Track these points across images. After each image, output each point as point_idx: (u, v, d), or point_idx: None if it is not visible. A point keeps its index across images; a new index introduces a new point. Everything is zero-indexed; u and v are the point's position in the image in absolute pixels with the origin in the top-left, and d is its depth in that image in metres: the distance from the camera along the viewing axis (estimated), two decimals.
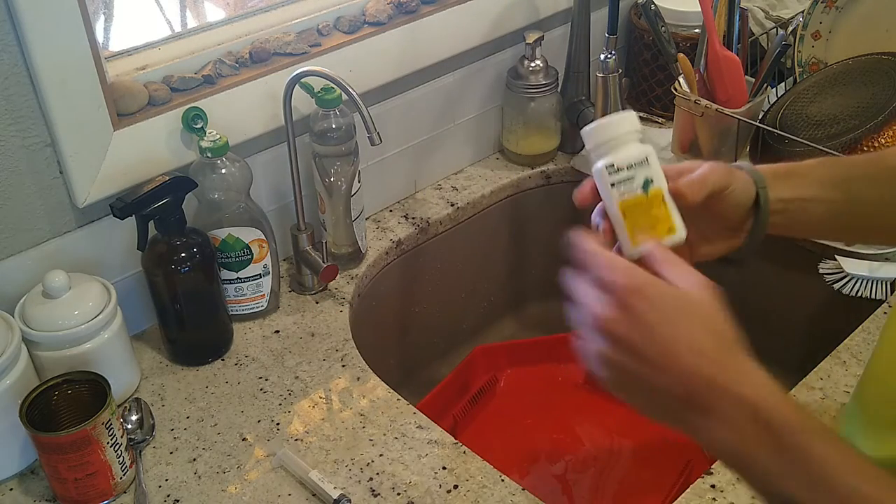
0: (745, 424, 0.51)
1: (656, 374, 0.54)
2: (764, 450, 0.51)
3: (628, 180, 0.64)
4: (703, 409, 0.53)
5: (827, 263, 1.09)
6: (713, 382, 0.52)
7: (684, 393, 0.53)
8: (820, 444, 0.50)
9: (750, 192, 0.67)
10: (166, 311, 0.97)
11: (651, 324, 0.54)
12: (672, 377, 0.53)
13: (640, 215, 0.64)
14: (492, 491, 0.83)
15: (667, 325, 0.54)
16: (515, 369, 1.29)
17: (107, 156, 0.92)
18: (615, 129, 0.65)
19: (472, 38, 1.21)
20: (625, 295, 0.55)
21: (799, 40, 1.27)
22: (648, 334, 0.54)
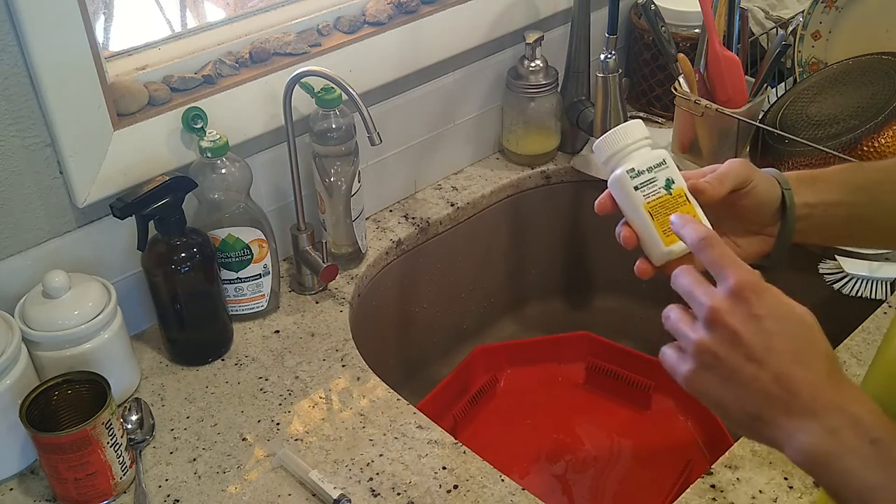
0: (847, 434, 0.51)
1: (756, 369, 0.54)
2: (862, 461, 0.50)
3: (651, 182, 0.64)
4: (800, 412, 0.52)
5: (827, 263, 1.09)
6: (817, 388, 0.52)
7: (782, 393, 0.53)
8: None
9: (774, 191, 0.66)
10: (166, 311, 0.97)
11: (761, 318, 0.54)
12: (772, 375, 0.53)
13: (668, 215, 0.64)
14: (492, 491, 0.84)
15: (776, 325, 0.54)
16: (515, 369, 1.29)
17: (107, 156, 0.92)
18: (628, 136, 0.65)
19: (472, 38, 1.21)
20: (741, 288, 0.55)
21: (799, 40, 1.27)
22: (756, 328, 0.54)
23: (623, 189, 0.65)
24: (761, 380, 0.54)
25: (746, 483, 0.83)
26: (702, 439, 1.16)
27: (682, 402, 1.20)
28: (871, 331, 0.99)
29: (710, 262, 0.58)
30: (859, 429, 0.51)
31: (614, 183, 0.65)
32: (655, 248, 0.64)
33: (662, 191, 0.64)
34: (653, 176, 0.64)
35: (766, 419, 0.54)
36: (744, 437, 0.57)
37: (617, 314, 1.43)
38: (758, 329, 0.54)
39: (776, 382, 0.53)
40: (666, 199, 0.64)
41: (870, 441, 0.50)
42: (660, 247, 0.64)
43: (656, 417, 1.21)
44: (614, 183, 0.65)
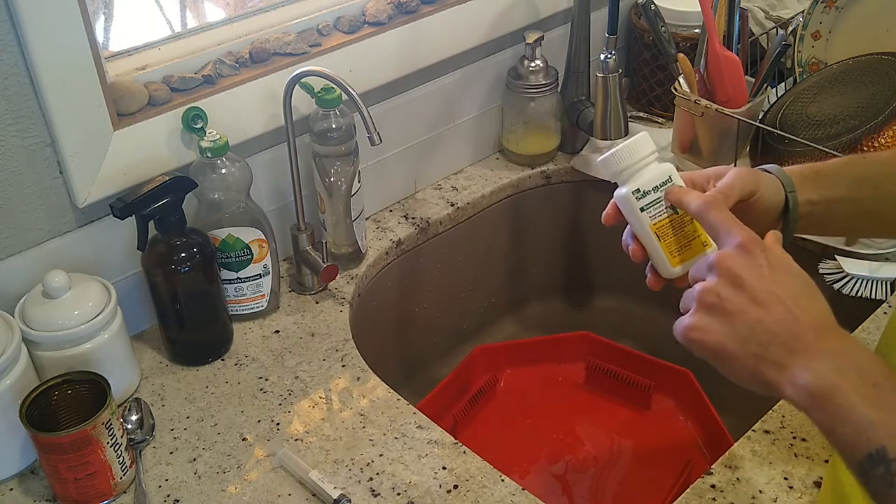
0: (851, 374, 0.52)
1: (760, 310, 0.56)
2: (864, 399, 0.51)
3: (656, 202, 0.65)
4: (805, 352, 0.54)
5: (827, 263, 1.09)
6: (821, 331, 0.55)
7: (787, 333, 0.55)
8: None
9: (778, 196, 0.67)
10: (166, 311, 0.97)
11: (766, 266, 0.57)
12: (776, 316, 0.55)
13: (674, 235, 0.65)
14: (492, 491, 0.84)
15: (780, 274, 0.57)
16: (515, 369, 1.29)
17: (107, 156, 0.92)
18: (634, 154, 0.65)
19: (472, 38, 1.21)
20: (747, 242, 0.58)
21: (799, 40, 1.27)
22: (760, 274, 0.57)
23: (629, 209, 0.65)
24: (765, 321, 0.56)
25: (746, 483, 0.83)
26: (702, 439, 1.16)
27: (682, 402, 1.20)
28: (871, 331, 0.99)
29: (716, 223, 0.60)
30: (863, 371, 0.52)
31: (621, 201, 0.66)
32: (663, 267, 0.66)
33: (668, 211, 0.65)
34: (658, 196, 0.65)
35: (769, 358, 0.55)
36: (743, 384, 0.58)
37: (617, 314, 1.43)
38: (762, 275, 0.57)
39: (781, 323, 0.55)
40: (672, 218, 0.65)
41: (872, 384, 0.51)
42: (667, 267, 0.66)
43: (656, 417, 1.21)
44: (621, 201, 0.66)
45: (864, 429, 0.50)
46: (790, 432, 0.87)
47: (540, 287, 1.44)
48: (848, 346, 0.54)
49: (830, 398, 0.52)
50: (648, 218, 0.65)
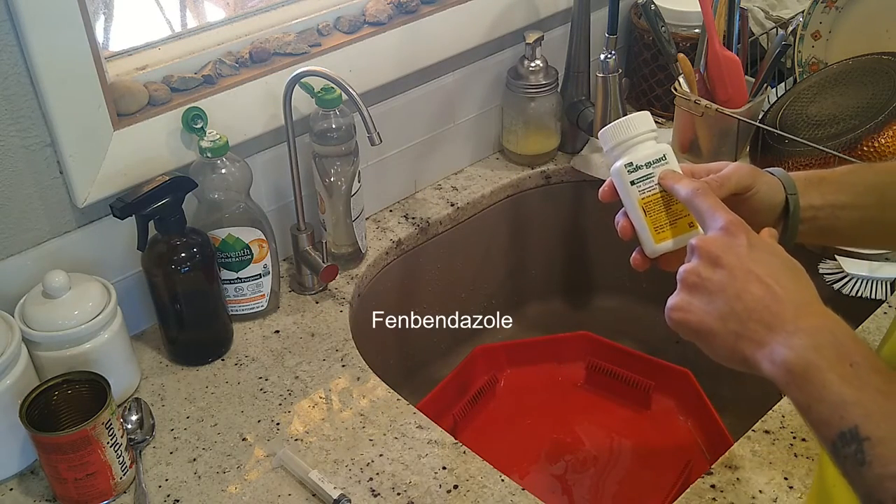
0: (829, 352, 0.52)
1: (740, 288, 0.57)
2: (841, 378, 0.51)
3: (648, 178, 0.65)
4: (783, 328, 0.54)
5: (827, 263, 1.09)
6: (801, 307, 0.55)
7: (766, 310, 0.55)
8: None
9: (777, 196, 0.67)
10: (166, 311, 0.97)
11: (746, 247, 0.58)
12: (755, 294, 0.56)
13: (661, 212, 0.65)
14: (492, 491, 0.84)
15: (761, 253, 0.58)
16: (515, 369, 1.29)
17: (107, 156, 0.92)
18: (632, 128, 0.66)
19: (472, 38, 1.21)
20: (730, 224, 0.59)
21: (799, 40, 1.27)
22: (740, 252, 0.58)
23: (621, 182, 0.66)
24: (744, 298, 0.56)
25: (746, 483, 0.83)
26: (702, 439, 1.16)
27: (682, 402, 1.20)
28: (871, 331, 0.99)
29: (702, 208, 0.61)
30: (841, 349, 0.52)
31: (614, 174, 0.66)
32: (647, 243, 0.66)
33: (658, 187, 0.64)
34: (650, 172, 0.65)
35: (748, 335, 0.56)
36: (724, 362, 0.59)
37: (617, 314, 1.43)
38: (741, 254, 0.58)
39: (760, 300, 0.56)
40: (661, 195, 0.65)
41: (850, 363, 0.51)
42: (650, 243, 0.66)
43: (656, 417, 1.21)
44: (614, 174, 0.66)
45: (838, 407, 0.50)
46: (790, 432, 0.87)
47: (540, 287, 1.44)
48: (828, 323, 0.54)
49: (807, 375, 0.52)
50: (637, 192, 0.65)
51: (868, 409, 0.50)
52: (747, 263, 0.57)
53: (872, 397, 0.50)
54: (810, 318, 0.55)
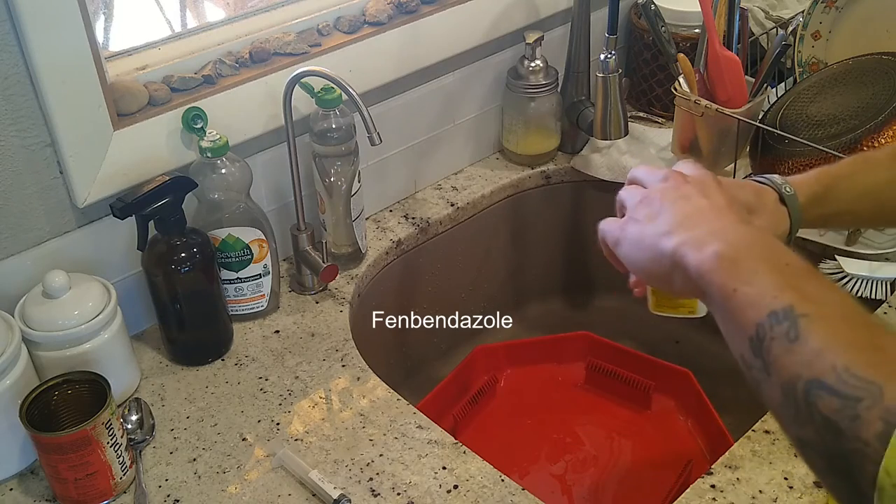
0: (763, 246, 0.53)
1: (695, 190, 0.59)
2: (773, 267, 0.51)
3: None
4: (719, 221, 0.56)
5: (827, 263, 1.09)
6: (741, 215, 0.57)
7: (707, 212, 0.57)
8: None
9: (783, 227, 0.68)
10: (166, 311, 0.97)
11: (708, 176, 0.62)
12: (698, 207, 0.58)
13: (666, 296, 0.71)
14: (492, 491, 0.84)
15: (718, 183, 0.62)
16: (515, 369, 1.29)
17: (107, 156, 0.92)
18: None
19: (472, 38, 1.21)
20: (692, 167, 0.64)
21: (799, 40, 1.27)
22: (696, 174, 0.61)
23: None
24: (692, 207, 0.58)
25: (746, 483, 0.83)
26: (702, 439, 1.16)
27: (682, 402, 1.20)
28: None
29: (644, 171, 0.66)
30: (776, 252, 0.52)
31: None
32: (650, 303, 0.74)
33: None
34: None
35: (676, 231, 0.56)
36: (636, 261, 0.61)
37: (617, 314, 1.43)
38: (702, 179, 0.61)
39: (706, 208, 0.58)
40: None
41: (785, 263, 0.51)
42: (651, 306, 0.74)
43: (656, 417, 1.21)
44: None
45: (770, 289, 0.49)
46: None
47: (540, 287, 1.44)
48: (766, 233, 0.55)
49: (739, 262, 0.52)
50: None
51: (805, 292, 0.49)
52: (709, 189, 0.59)
53: (809, 284, 0.50)
54: (747, 226, 0.56)
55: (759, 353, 0.49)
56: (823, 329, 0.46)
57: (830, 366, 0.45)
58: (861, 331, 0.47)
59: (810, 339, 0.46)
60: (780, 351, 0.47)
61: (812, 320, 0.47)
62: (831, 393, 0.44)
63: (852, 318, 0.48)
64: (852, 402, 0.43)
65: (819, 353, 0.46)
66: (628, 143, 1.34)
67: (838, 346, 0.45)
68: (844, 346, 0.45)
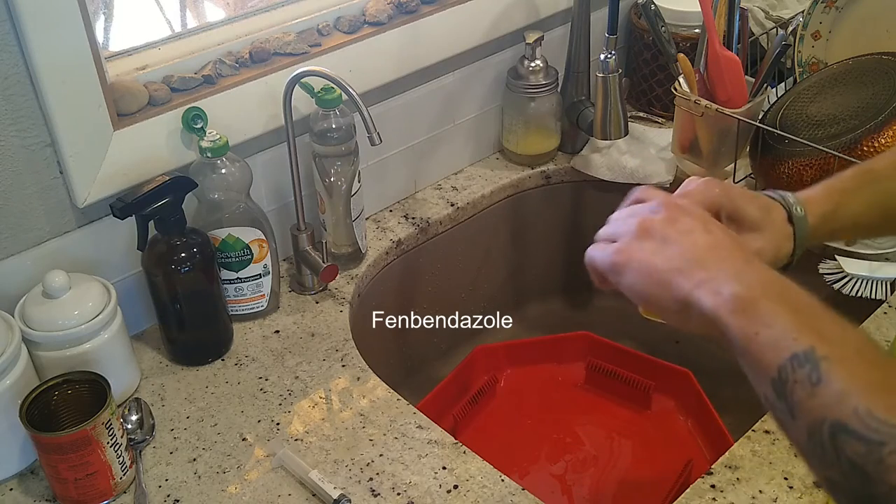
0: (778, 288, 0.52)
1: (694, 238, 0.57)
2: (791, 309, 0.51)
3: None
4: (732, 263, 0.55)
5: (827, 263, 1.09)
6: (747, 255, 0.56)
7: (719, 251, 0.56)
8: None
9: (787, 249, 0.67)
10: (166, 311, 0.97)
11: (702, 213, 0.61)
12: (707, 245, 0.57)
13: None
14: (492, 491, 0.83)
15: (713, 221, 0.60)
16: (515, 369, 1.29)
17: (107, 156, 0.92)
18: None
19: (472, 38, 1.21)
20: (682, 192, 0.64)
21: (799, 40, 1.27)
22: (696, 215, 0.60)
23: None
24: (697, 248, 0.57)
25: (746, 483, 0.83)
26: (702, 439, 1.16)
27: (682, 402, 1.20)
28: (871, 331, 0.99)
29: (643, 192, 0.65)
30: (790, 293, 0.52)
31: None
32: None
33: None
34: None
35: (691, 271, 0.56)
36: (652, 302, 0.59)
37: (617, 314, 1.43)
38: (699, 214, 0.60)
39: (711, 250, 0.57)
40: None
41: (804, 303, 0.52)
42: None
43: (656, 417, 1.21)
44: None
45: (790, 331, 0.49)
46: None
47: (540, 287, 1.44)
48: (777, 273, 0.55)
49: (757, 304, 0.51)
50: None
51: (823, 333, 0.49)
52: (702, 224, 0.59)
53: (826, 324, 0.50)
54: (758, 265, 0.56)
55: (782, 395, 0.49)
56: (844, 371, 0.47)
57: (853, 409, 0.45)
58: (879, 371, 0.47)
59: (832, 381, 0.46)
60: (803, 394, 0.48)
61: (833, 362, 0.47)
62: (856, 437, 0.45)
63: (870, 358, 0.48)
64: (876, 446, 0.44)
65: (841, 397, 0.46)
66: (628, 143, 1.34)
67: (860, 389, 0.46)
68: (865, 388, 0.46)
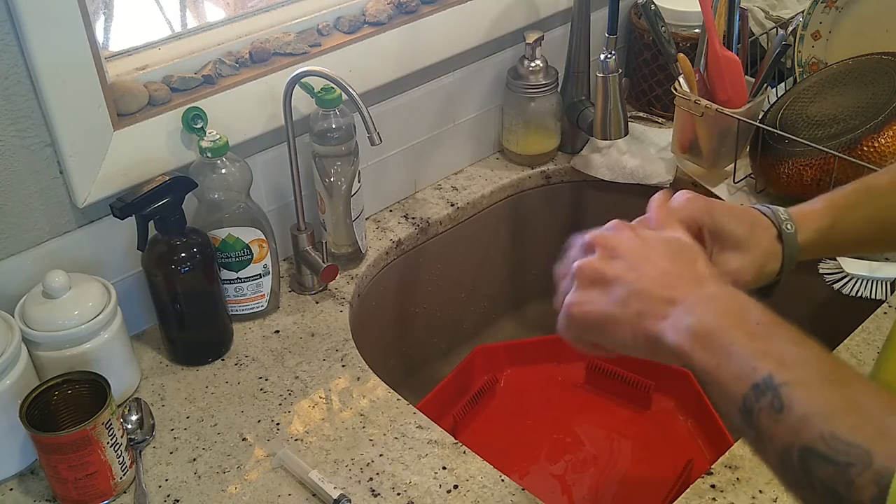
0: (732, 312, 0.53)
1: (639, 272, 0.58)
2: (748, 334, 0.51)
3: None
4: (683, 298, 0.55)
5: (827, 263, 1.09)
6: (701, 278, 0.56)
7: (667, 287, 0.56)
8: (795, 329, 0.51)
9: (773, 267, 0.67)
10: (166, 311, 0.97)
11: (638, 238, 0.60)
12: (654, 274, 0.57)
13: None
14: (492, 491, 0.84)
15: (654, 241, 0.60)
16: (515, 369, 1.29)
17: (107, 156, 0.92)
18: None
19: (472, 38, 1.21)
20: (619, 222, 0.63)
21: (799, 40, 1.27)
22: (634, 245, 0.60)
23: None
24: (643, 280, 0.57)
25: (746, 483, 0.83)
26: (702, 439, 1.16)
27: (682, 402, 1.20)
28: (871, 331, 0.99)
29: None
30: (744, 312, 0.53)
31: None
32: None
33: None
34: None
35: (650, 311, 0.56)
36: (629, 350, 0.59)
37: None
38: (635, 245, 0.60)
39: (658, 279, 0.57)
40: None
41: (755, 322, 0.52)
42: None
43: (656, 417, 1.21)
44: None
45: (748, 360, 0.50)
46: None
47: (540, 287, 1.44)
48: (729, 291, 0.55)
49: (712, 336, 0.52)
50: None
51: (781, 357, 0.49)
52: (643, 250, 0.59)
53: (783, 346, 0.50)
54: (711, 286, 0.56)
55: (749, 423, 0.49)
56: (805, 395, 0.47)
57: (818, 433, 0.45)
58: (840, 389, 0.47)
59: (795, 407, 0.47)
60: (769, 422, 0.48)
61: (793, 387, 0.47)
62: (824, 460, 0.45)
63: (831, 378, 0.48)
64: (844, 467, 0.44)
65: (805, 421, 0.46)
66: (628, 143, 1.34)
67: (822, 412, 0.46)
68: (827, 411, 0.46)
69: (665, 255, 0.59)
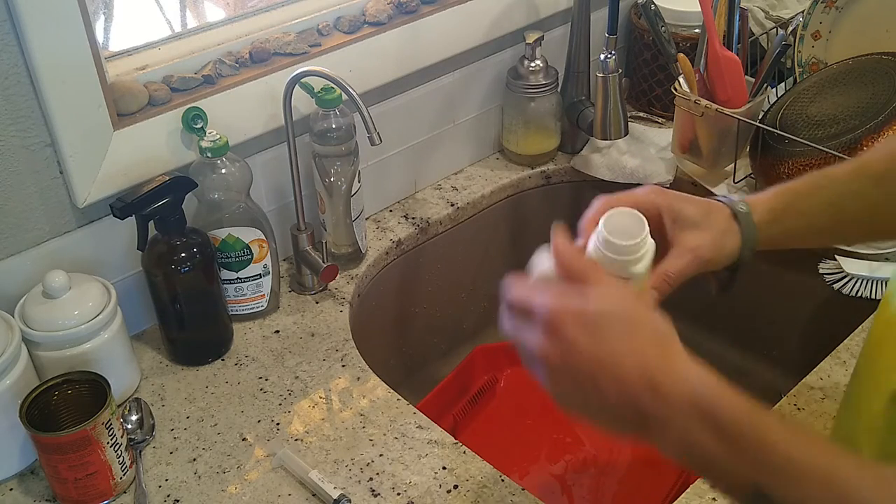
0: (692, 424, 0.51)
1: (601, 396, 0.54)
2: (717, 444, 0.51)
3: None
4: (652, 418, 0.53)
5: (827, 263, 1.09)
6: (656, 391, 0.52)
7: (632, 409, 0.53)
8: (774, 428, 0.50)
9: (734, 245, 0.68)
10: (166, 311, 0.97)
11: (581, 347, 0.54)
12: (617, 397, 0.54)
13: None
14: (492, 491, 0.84)
15: (597, 345, 0.54)
16: (515, 369, 1.29)
17: (107, 156, 0.92)
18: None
19: (472, 38, 1.21)
20: (549, 318, 0.56)
21: (799, 40, 1.27)
22: (580, 360, 0.54)
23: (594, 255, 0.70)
24: (611, 402, 0.54)
25: None
26: None
27: None
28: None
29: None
30: (701, 412, 0.51)
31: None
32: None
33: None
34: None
35: (639, 431, 0.55)
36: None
37: None
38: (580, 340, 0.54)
39: (625, 402, 0.53)
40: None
41: (712, 422, 0.51)
42: None
43: None
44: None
45: (733, 474, 0.51)
46: None
47: None
48: (686, 389, 0.52)
49: (692, 458, 0.53)
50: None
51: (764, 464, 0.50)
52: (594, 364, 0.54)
53: (764, 449, 0.50)
54: (669, 397, 0.52)
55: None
56: (798, 498, 0.49)
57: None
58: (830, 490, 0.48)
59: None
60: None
61: (786, 492, 0.49)
62: None
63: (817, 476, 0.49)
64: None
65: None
66: (628, 143, 1.34)
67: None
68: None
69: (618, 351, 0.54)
